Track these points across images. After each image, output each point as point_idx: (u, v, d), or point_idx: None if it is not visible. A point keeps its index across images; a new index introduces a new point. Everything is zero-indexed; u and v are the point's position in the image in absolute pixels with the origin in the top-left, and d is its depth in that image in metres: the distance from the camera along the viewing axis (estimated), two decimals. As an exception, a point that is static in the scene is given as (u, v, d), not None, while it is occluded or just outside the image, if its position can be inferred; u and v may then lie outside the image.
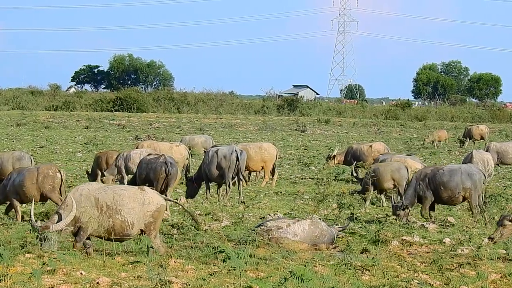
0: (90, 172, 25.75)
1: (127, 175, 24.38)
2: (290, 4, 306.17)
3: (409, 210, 19.61)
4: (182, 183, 24.60)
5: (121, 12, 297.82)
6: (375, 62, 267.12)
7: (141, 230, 14.45)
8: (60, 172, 19.07)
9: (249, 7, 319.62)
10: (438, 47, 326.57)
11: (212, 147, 24.43)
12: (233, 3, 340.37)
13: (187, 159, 26.47)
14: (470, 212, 19.85)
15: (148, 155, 22.21)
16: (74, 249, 14.23)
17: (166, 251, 14.60)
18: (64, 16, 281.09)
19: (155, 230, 14.52)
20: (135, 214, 14.30)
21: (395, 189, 22.21)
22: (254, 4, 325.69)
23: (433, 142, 46.10)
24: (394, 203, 19.66)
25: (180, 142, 31.53)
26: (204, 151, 30.84)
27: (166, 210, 20.31)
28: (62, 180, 18.99)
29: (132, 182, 21.04)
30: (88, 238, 14.44)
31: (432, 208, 19.96)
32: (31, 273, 12.38)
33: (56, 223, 14.10)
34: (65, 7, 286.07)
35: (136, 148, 26.81)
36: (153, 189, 20.16)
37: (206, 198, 23.31)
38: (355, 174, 23.27)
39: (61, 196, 18.73)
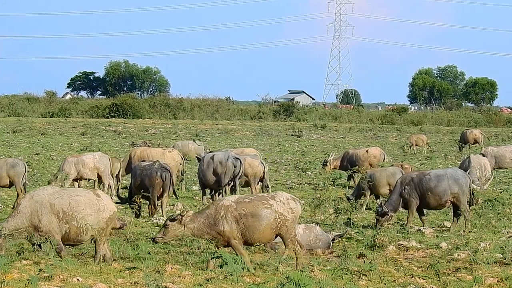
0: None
1: (79, 180, 24.30)
2: (286, 9, 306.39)
3: (391, 217, 19.34)
4: (178, 188, 24.57)
5: (117, 18, 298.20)
6: (371, 67, 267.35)
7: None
8: None
9: (245, 12, 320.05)
10: (434, 52, 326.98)
11: (208, 152, 24.31)
12: (229, 8, 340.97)
13: (180, 164, 26.45)
14: (463, 217, 19.73)
15: (142, 161, 22.06)
16: (65, 257, 14.16)
17: (111, 258, 14.49)
18: (60, 23, 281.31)
19: (106, 236, 14.45)
20: (90, 221, 14.21)
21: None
22: (249, 9, 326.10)
23: (410, 147, 45.36)
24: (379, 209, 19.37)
25: (173, 147, 31.48)
26: (197, 158, 30.90)
27: (163, 216, 20.32)
28: None
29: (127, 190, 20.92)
30: (35, 244, 14.20)
31: (421, 212, 19.83)
32: (27, 280, 12.36)
33: None
34: (60, 13, 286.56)
35: (129, 154, 26.76)
36: (148, 195, 20.37)
37: (203, 204, 23.30)
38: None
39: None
